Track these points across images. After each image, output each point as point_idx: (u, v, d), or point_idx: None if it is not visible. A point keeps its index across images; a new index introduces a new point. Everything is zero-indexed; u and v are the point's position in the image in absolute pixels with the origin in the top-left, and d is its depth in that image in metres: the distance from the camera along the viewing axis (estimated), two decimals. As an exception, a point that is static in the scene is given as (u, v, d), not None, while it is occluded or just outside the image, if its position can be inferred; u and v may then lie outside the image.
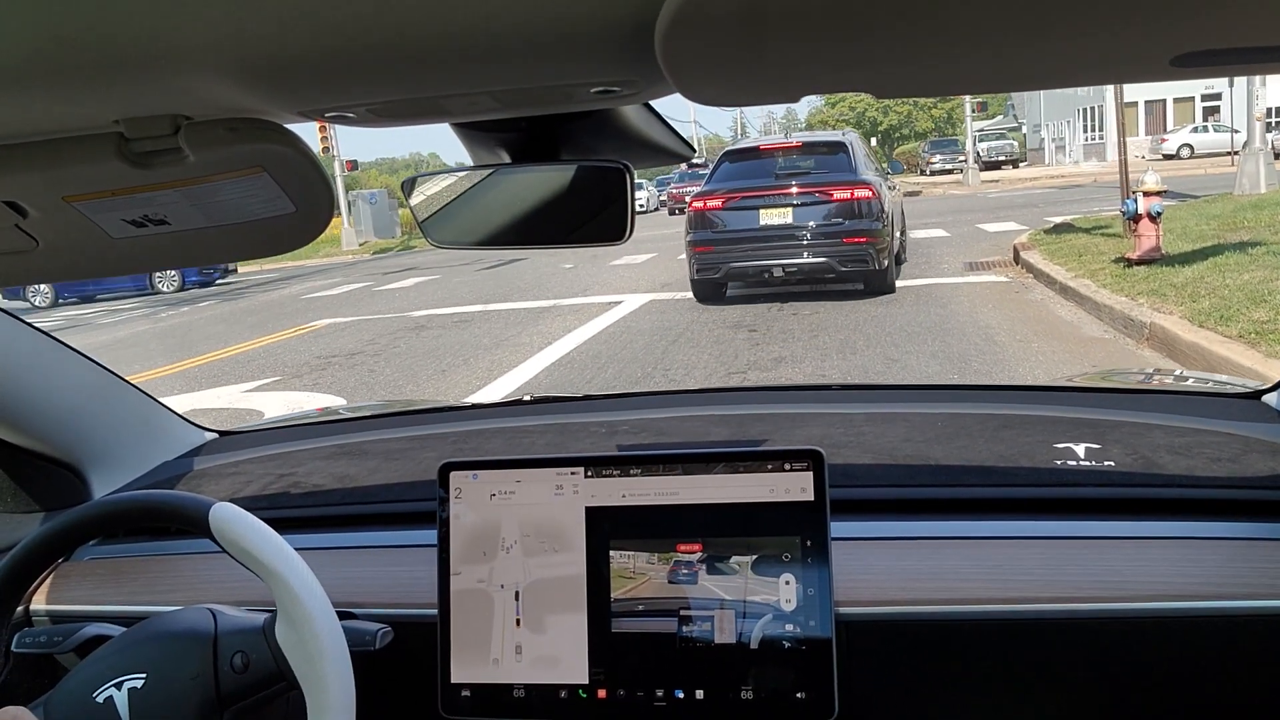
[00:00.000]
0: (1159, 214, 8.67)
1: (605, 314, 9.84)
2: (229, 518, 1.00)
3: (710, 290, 10.06)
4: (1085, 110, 41.91)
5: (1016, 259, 11.14)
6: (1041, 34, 0.56)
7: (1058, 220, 14.13)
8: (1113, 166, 31.75)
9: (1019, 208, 18.97)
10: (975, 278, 10.41)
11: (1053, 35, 0.57)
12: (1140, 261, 8.65)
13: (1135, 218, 8.80)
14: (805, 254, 9.26)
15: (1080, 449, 1.23)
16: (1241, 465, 1.17)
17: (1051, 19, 0.54)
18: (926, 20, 0.54)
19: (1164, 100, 39.43)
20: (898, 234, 10.64)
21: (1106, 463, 1.20)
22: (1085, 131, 42.29)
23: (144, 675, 1.01)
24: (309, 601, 0.98)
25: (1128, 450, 1.23)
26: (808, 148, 10.19)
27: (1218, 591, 1.00)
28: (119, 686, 1.01)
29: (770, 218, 9.32)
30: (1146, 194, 8.65)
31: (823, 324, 8.28)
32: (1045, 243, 11.40)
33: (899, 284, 9.81)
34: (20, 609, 1.30)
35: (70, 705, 1.02)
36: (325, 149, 27.71)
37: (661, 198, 34.06)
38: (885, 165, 12.52)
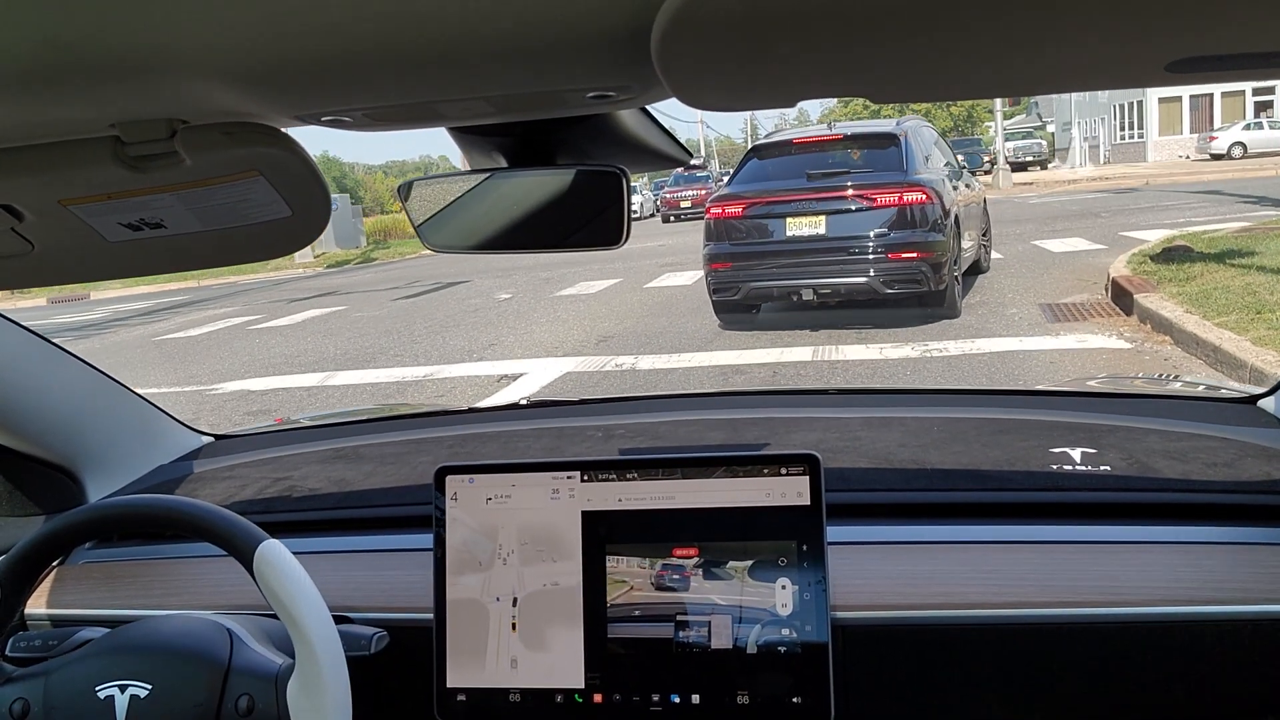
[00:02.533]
0: None
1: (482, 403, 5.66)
2: (274, 561, 0.99)
3: (733, 313, 8.35)
4: (1121, 107, 39.06)
5: (1121, 301, 7.62)
6: (1037, 40, 0.57)
7: (1148, 237, 10.89)
8: (1154, 168, 29.16)
9: (1076, 218, 15.38)
10: (1071, 338, 6.75)
11: (1049, 41, 0.57)
12: None
13: None
14: (841, 272, 7.51)
15: (1076, 453, 1.23)
16: (1237, 470, 1.17)
17: (1047, 25, 0.54)
18: (923, 26, 0.54)
19: (1211, 95, 35.66)
20: (969, 243, 8.64)
21: (1103, 467, 1.20)
22: (1121, 130, 39.52)
23: (149, 686, 1.00)
24: (329, 670, 0.97)
25: (1124, 455, 1.23)
26: (852, 141, 8.22)
27: (1214, 596, 1.00)
28: (122, 689, 1.00)
29: (799, 228, 7.64)
30: None
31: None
32: (1167, 277, 7.80)
33: (961, 348, 6.72)
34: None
35: (71, 692, 1.02)
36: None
37: (656, 203, 30.62)
38: (960, 159, 9.82)
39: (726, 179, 8.59)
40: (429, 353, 8.71)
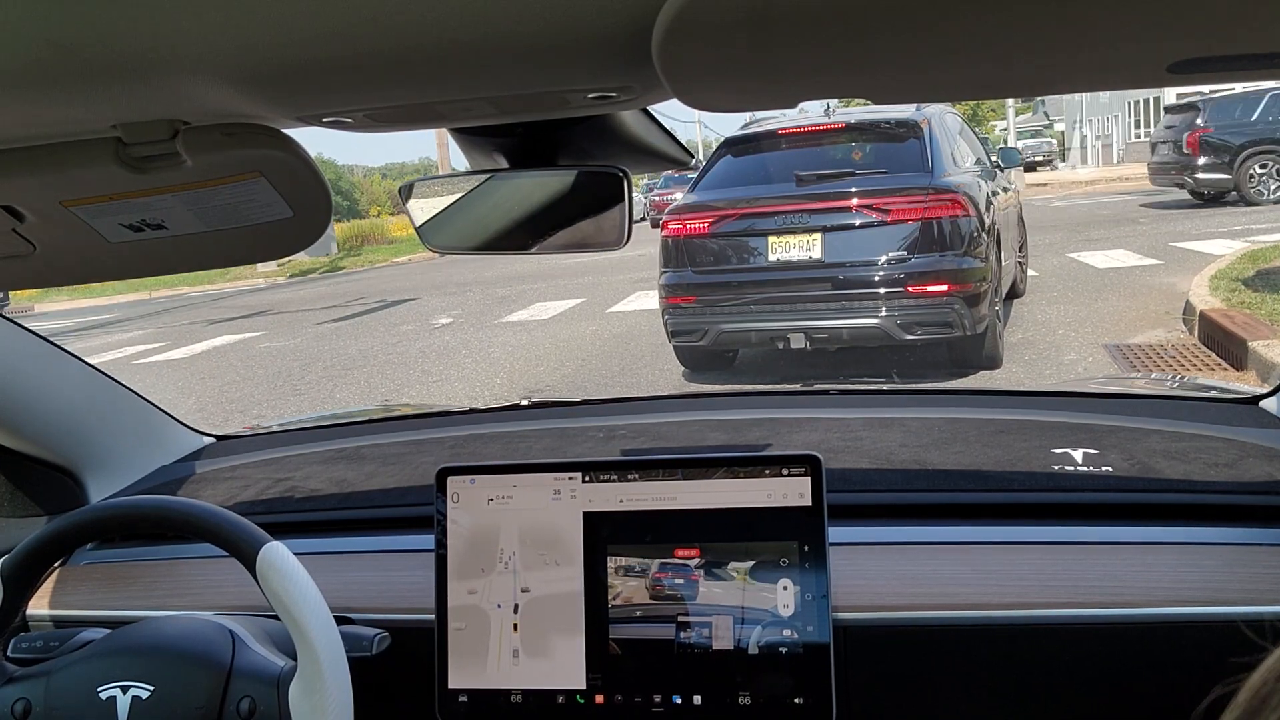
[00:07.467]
0: None
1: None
2: (277, 563, 0.98)
3: (697, 360, 6.39)
4: (1135, 104, 36.68)
5: (1218, 345, 5.79)
6: (1039, 41, 0.57)
7: (1208, 249, 9.59)
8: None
9: (1110, 225, 13.37)
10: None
11: (1050, 42, 0.57)
12: None
13: None
14: (843, 311, 5.60)
15: (1078, 454, 1.23)
16: (1239, 470, 1.17)
17: (1048, 26, 0.54)
18: (924, 26, 0.54)
19: (1231, 91, 33.90)
20: (1007, 262, 6.62)
21: (1104, 468, 1.20)
22: (1136, 128, 36.82)
23: (151, 688, 1.00)
24: (330, 672, 0.97)
25: (1125, 455, 1.23)
26: (857, 133, 6.23)
27: (1215, 597, 1.00)
28: (124, 690, 1.00)
29: (785, 250, 5.68)
30: None
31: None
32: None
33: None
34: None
35: (73, 693, 1.01)
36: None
37: (646, 206, 26.40)
38: (994, 155, 7.67)
39: (691, 183, 6.55)
40: (297, 413, 6.60)
